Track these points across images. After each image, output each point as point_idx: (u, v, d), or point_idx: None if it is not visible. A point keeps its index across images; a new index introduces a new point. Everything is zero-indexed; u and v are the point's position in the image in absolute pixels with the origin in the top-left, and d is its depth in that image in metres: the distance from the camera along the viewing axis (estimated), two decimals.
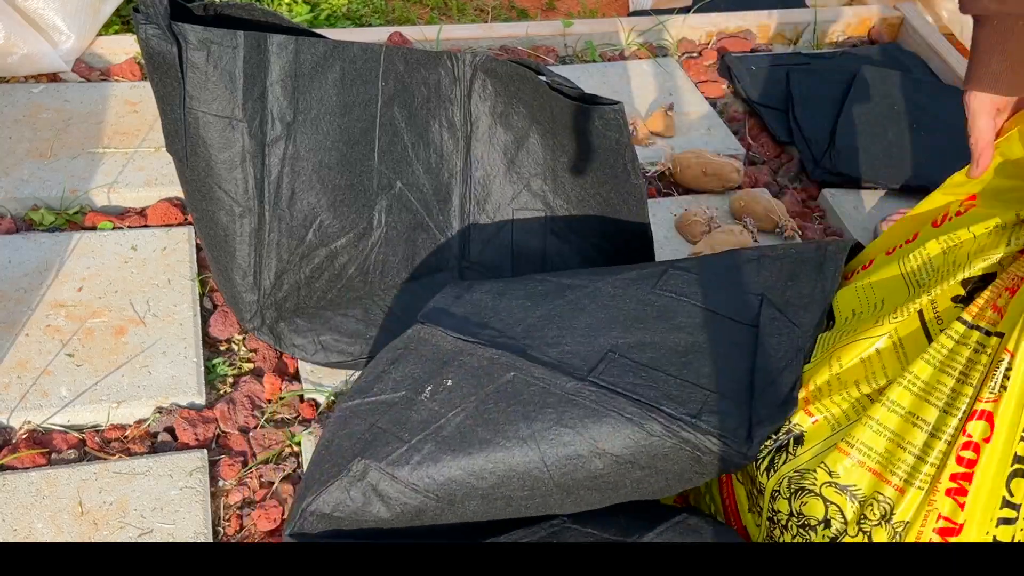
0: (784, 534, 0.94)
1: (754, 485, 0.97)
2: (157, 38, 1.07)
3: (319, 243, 1.21)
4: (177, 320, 1.29)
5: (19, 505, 1.07)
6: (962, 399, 0.87)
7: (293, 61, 1.12)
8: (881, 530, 0.88)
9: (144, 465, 1.13)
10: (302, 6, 1.97)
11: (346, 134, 1.18)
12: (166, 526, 1.08)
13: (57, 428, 1.16)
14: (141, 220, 1.45)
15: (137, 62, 1.73)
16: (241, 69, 1.10)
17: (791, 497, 0.93)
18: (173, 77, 1.09)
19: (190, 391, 1.21)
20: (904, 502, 0.87)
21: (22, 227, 1.41)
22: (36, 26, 1.63)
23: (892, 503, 0.88)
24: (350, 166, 1.19)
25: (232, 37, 1.08)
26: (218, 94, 1.10)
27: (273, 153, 1.15)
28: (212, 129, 1.11)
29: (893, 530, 0.88)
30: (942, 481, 0.86)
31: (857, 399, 0.94)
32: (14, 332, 1.24)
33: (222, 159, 1.13)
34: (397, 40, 1.84)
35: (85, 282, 1.32)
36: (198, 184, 1.16)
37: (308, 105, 1.14)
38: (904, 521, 0.87)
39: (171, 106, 1.11)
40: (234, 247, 1.18)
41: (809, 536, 0.92)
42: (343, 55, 1.16)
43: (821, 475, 0.91)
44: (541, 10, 2.16)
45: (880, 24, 2.14)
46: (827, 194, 1.68)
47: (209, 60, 1.08)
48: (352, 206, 1.21)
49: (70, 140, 1.53)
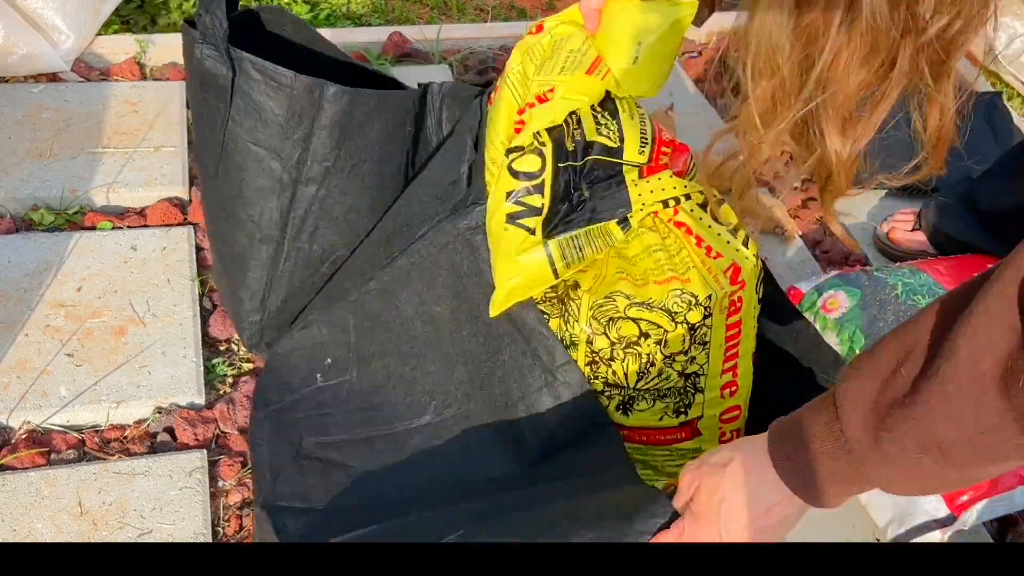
0: (612, 365, 1.01)
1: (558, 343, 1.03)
2: (212, 59, 1.06)
3: (330, 274, 1.21)
4: (177, 320, 1.29)
5: (19, 505, 1.07)
6: None
7: (345, 111, 1.10)
8: (695, 312, 0.98)
9: (144, 465, 1.13)
10: (302, 6, 1.97)
11: (380, 180, 1.17)
12: (166, 526, 1.07)
13: (56, 428, 1.16)
14: (141, 220, 1.45)
15: (137, 62, 1.73)
16: (290, 107, 1.08)
17: (606, 330, 0.99)
18: (220, 99, 1.08)
19: (190, 391, 1.21)
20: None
21: (22, 227, 1.41)
22: (36, 26, 1.63)
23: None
24: (378, 211, 1.18)
25: (288, 76, 1.07)
26: (263, 125, 1.09)
27: (305, 191, 1.14)
28: (250, 157, 1.11)
29: (703, 308, 0.98)
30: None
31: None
32: (14, 332, 1.24)
33: (254, 186, 1.13)
34: (397, 40, 1.84)
35: (85, 282, 1.32)
36: (224, 203, 1.16)
37: (350, 153, 1.13)
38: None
39: (211, 125, 1.11)
40: (247, 269, 1.18)
41: (639, 350, 0.99)
42: (389, 106, 1.14)
43: (620, 301, 0.98)
44: (541, 10, 2.16)
45: None
46: None
47: (261, 92, 1.07)
48: (371, 243, 1.21)
49: (70, 140, 1.53)
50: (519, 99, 1.03)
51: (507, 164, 0.99)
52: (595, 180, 1.01)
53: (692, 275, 0.99)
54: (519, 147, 0.99)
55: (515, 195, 0.98)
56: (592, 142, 1.00)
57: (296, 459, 1.09)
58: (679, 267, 1.00)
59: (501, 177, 1.00)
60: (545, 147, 0.98)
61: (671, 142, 1.05)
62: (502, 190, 0.99)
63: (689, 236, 1.01)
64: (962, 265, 1.40)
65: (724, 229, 1.01)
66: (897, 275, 1.35)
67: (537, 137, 0.99)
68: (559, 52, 1.00)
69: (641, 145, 1.02)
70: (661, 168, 1.03)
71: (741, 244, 1.01)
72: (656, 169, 1.03)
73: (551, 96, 0.98)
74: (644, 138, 1.02)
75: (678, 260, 1.00)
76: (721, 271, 0.99)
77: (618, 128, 1.01)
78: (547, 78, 0.99)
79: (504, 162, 0.99)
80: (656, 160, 1.03)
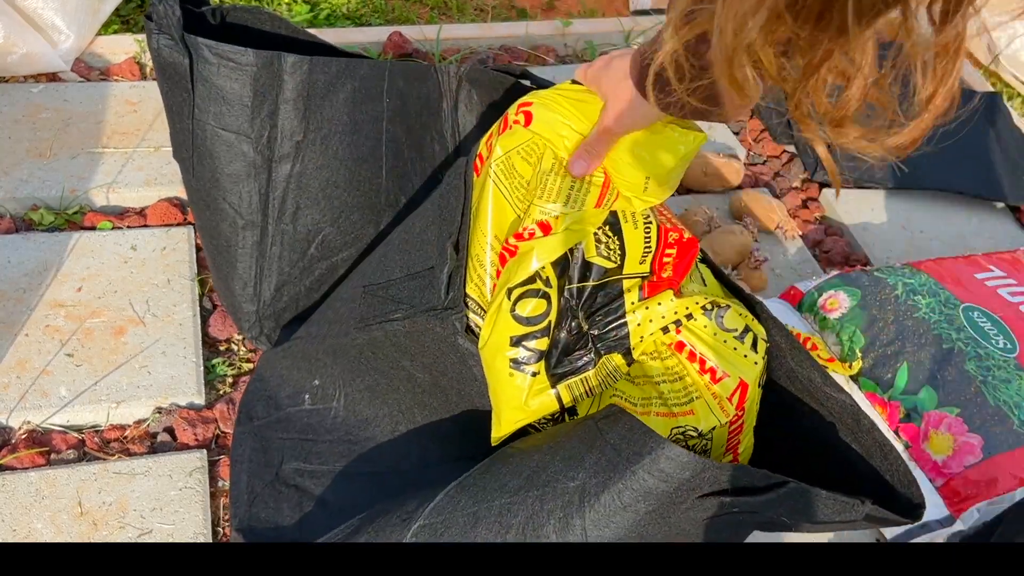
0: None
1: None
2: (169, 48, 1.06)
3: (320, 256, 1.20)
4: (176, 320, 1.29)
5: (18, 505, 1.07)
6: None
7: (306, 80, 1.10)
8: (699, 443, 0.95)
9: (144, 465, 1.13)
10: (301, 5, 1.97)
11: (355, 152, 1.16)
12: (166, 526, 1.07)
13: (56, 428, 1.16)
14: (141, 220, 1.45)
15: (137, 62, 1.73)
16: (252, 86, 1.08)
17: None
18: (183, 88, 1.08)
19: (190, 391, 1.21)
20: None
21: (21, 227, 1.41)
22: (35, 25, 1.63)
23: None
24: (358, 184, 1.18)
25: (245, 54, 1.06)
26: (228, 109, 1.09)
27: (280, 169, 1.13)
28: (220, 142, 1.11)
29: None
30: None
31: None
32: (13, 332, 1.24)
33: (228, 172, 1.13)
34: (397, 40, 1.84)
35: (84, 282, 1.32)
36: (203, 194, 1.16)
37: (319, 124, 1.13)
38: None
39: (179, 116, 1.11)
40: (235, 258, 1.18)
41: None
42: (354, 73, 1.14)
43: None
44: (541, 10, 2.16)
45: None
46: (827, 194, 1.68)
47: (220, 75, 1.07)
48: (357, 222, 1.20)
49: (69, 140, 1.53)
50: (511, 197, 0.99)
51: (509, 308, 0.95)
52: (593, 309, 0.97)
53: (696, 406, 0.94)
54: (521, 283, 0.94)
55: (518, 340, 0.94)
56: (590, 263, 0.96)
57: (274, 483, 1.08)
58: (682, 398, 0.95)
59: (500, 320, 0.95)
60: (551, 290, 0.94)
61: (676, 242, 0.99)
62: (504, 333, 0.95)
63: (692, 363, 0.95)
64: (962, 265, 1.40)
65: (731, 336, 0.95)
66: (897, 275, 1.35)
67: (540, 275, 0.95)
68: (561, 175, 0.97)
69: (644, 255, 0.97)
70: (664, 285, 0.98)
71: (750, 348, 0.95)
72: (658, 287, 0.97)
73: (556, 227, 0.95)
74: (647, 247, 0.97)
75: (680, 388, 0.95)
76: (726, 397, 0.94)
77: (620, 244, 0.97)
78: (552, 205, 0.95)
79: (506, 305, 0.95)
80: (659, 271, 0.98)
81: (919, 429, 1.20)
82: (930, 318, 1.27)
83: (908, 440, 1.20)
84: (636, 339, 0.96)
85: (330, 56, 1.13)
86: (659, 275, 0.98)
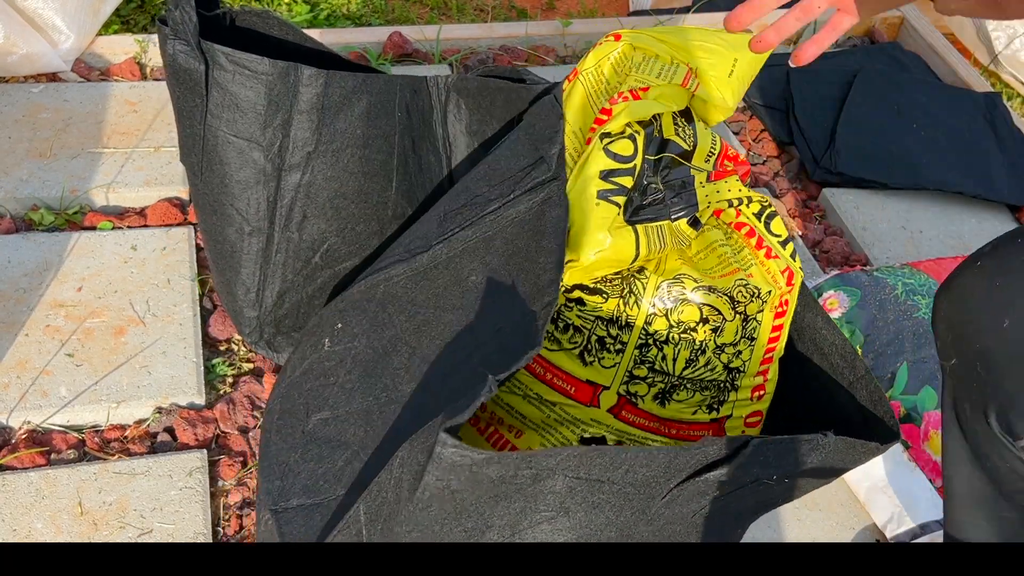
0: (664, 349, 1.04)
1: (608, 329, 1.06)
2: (185, 55, 1.06)
3: (324, 265, 1.20)
4: (177, 320, 1.29)
5: (19, 505, 1.07)
6: None
7: (322, 93, 1.10)
8: (754, 305, 1.03)
9: (144, 465, 1.13)
10: (302, 6, 1.97)
11: (365, 166, 1.16)
12: (166, 526, 1.07)
13: (57, 428, 1.16)
14: (141, 220, 1.45)
15: (137, 62, 1.73)
16: (267, 95, 1.08)
17: (668, 313, 1.02)
18: (196, 94, 1.08)
19: (190, 391, 1.21)
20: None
21: (21, 227, 1.41)
22: (36, 26, 1.63)
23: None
24: (366, 196, 1.18)
25: (261, 63, 1.06)
26: (241, 116, 1.09)
27: (289, 178, 1.13)
28: (231, 149, 1.11)
29: (760, 301, 1.03)
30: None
31: None
32: (13, 332, 1.24)
33: (238, 178, 1.12)
34: (397, 40, 1.84)
35: (85, 282, 1.32)
36: (210, 199, 1.16)
37: (331, 136, 1.13)
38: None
39: (190, 121, 1.11)
40: (239, 264, 1.18)
41: (694, 336, 1.02)
42: (370, 88, 1.14)
43: (688, 283, 1.02)
44: (541, 10, 2.16)
45: (880, 24, 2.15)
46: (827, 194, 1.68)
47: (236, 82, 1.07)
48: (363, 233, 1.20)
49: (70, 140, 1.53)
50: (596, 96, 1.07)
51: (602, 146, 1.03)
52: (667, 178, 1.06)
53: (754, 271, 1.04)
54: (609, 133, 1.03)
55: (608, 175, 1.02)
56: (668, 140, 1.05)
57: (302, 444, 1.06)
58: (743, 262, 1.05)
59: (593, 156, 1.03)
60: (638, 136, 1.03)
61: (735, 157, 1.10)
62: (595, 167, 1.03)
63: (750, 238, 1.06)
64: None
65: (776, 240, 1.07)
66: (897, 275, 1.35)
67: (630, 126, 1.04)
68: (651, 62, 1.06)
69: (708, 155, 1.07)
70: (728, 173, 1.10)
71: (790, 256, 1.07)
72: (722, 175, 1.09)
73: (644, 95, 1.03)
74: (712, 151, 1.08)
75: (740, 257, 1.06)
76: (779, 271, 1.05)
77: (693, 134, 1.07)
78: (644, 77, 1.05)
79: (598, 144, 1.04)
80: (721, 169, 1.10)
81: (919, 429, 1.20)
82: (930, 318, 1.27)
83: (908, 440, 1.20)
84: (703, 204, 1.06)
85: (336, 64, 1.14)
86: (722, 171, 1.10)
